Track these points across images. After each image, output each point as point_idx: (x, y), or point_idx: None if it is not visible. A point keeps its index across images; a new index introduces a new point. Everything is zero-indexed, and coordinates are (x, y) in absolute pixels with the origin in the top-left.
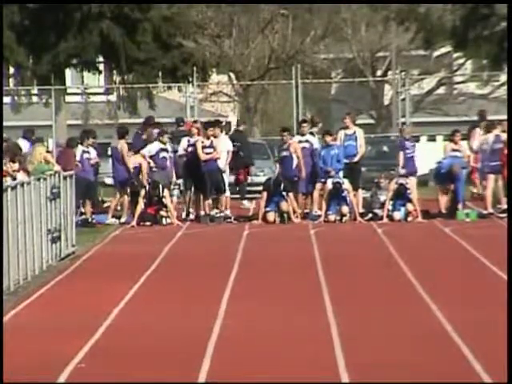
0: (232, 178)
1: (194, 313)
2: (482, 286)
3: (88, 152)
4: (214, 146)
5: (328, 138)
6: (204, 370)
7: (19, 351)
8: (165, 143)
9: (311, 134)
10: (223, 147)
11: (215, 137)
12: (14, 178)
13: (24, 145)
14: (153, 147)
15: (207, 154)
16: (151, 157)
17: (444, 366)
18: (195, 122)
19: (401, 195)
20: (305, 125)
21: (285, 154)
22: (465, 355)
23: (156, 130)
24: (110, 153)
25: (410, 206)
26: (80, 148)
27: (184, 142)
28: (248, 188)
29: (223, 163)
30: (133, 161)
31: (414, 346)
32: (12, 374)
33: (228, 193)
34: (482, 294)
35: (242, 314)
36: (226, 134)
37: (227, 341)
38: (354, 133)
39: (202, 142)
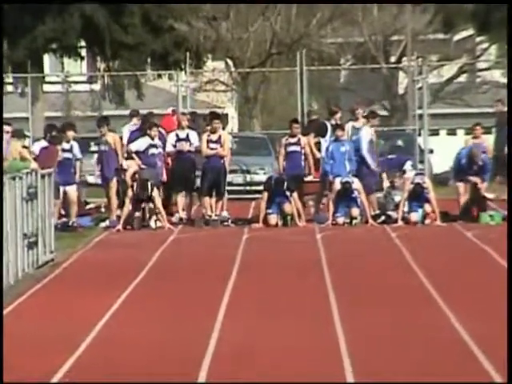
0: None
1: (186, 325)
2: (502, 295)
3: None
4: (222, 141)
5: (339, 133)
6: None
7: None
8: (153, 138)
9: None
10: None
11: (214, 132)
12: None
13: None
14: (142, 143)
15: (211, 149)
16: (138, 153)
17: (459, 375)
18: (184, 114)
19: (417, 196)
20: (296, 125)
21: (293, 148)
22: (484, 368)
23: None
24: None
25: (427, 208)
26: (43, 142)
27: (172, 136)
28: (247, 188)
29: (227, 163)
30: (126, 163)
31: (426, 356)
32: None
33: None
34: (501, 302)
35: (240, 326)
36: (223, 128)
37: (224, 356)
38: (364, 125)
39: (208, 136)
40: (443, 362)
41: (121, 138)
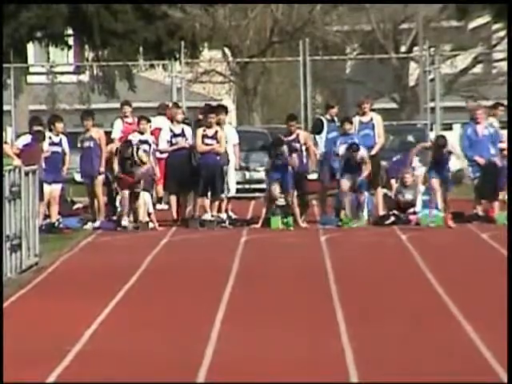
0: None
1: (180, 335)
2: None
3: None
4: (219, 137)
5: (347, 126)
6: None
7: None
8: (143, 133)
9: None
10: (229, 139)
11: (219, 124)
12: None
13: None
14: (132, 138)
15: (207, 145)
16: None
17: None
18: (178, 107)
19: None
20: (292, 123)
21: (293, 146)
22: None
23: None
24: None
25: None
26: (28, 137)
27: (166, 132)
28: (246, 186)
29: (233, 159)
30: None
31: (438, 368)
32: None
33: (227, 193)
34: None
35: (238, 336)
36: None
37: (221, 368)
38: (371, 120)
39: (204, 131)
40: (455, 373)
41: (110, 133)
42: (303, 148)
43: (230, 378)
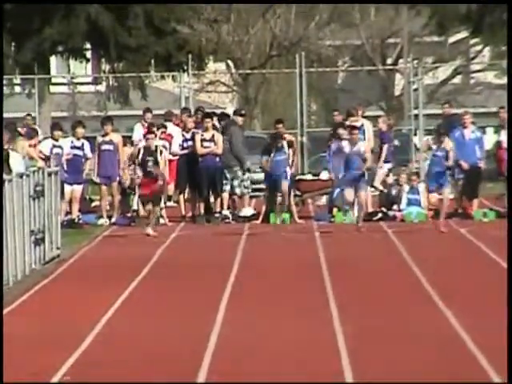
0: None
1: (188, 320)
2: (496, 290)
3: (59, 147)
4: (216, 140)
5: (341, 131)
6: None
7: None
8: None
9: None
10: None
11: (215, 128)
12: None
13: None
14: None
15: (206, 148)
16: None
17: (457, 374)
18: (189, 116)
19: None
20: (280, 126)
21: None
22: (483, 368)
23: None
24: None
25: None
26: (50, 141)
27: (179, 137)
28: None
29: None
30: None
31: (426, 355)
32: None
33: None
34: (497, 298)
35: (240, 321)
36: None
37: (225, 350)
38: (362, 125)
39: (202, 135)
40: (441, 360)
41: (129, 137)
42: (290, 151)
43: (233, 355)
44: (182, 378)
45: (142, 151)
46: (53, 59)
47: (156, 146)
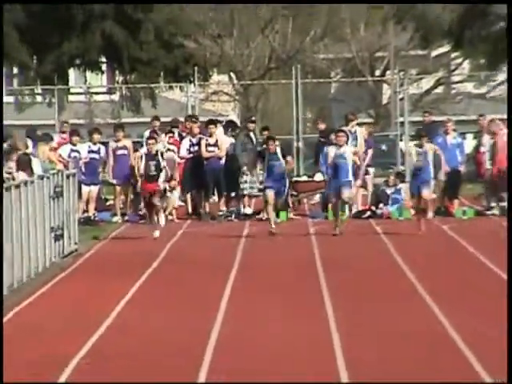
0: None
1: (193, 311)
2: (480, 285)
3: (77, 151)
4: (219, 144)
5: (333, 137)
6: (203, 371)
7: (20, 350)
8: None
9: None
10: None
11: (211, 136)
12: (14, 178)
13: (28, 144)
14: (160, 147)
15: (210, 152)
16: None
17: (448, 372)
18: (195, 122)
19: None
20: (266, 132)
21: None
22: (469, 362)
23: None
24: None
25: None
26: (68, 146)
27: (186, 142)
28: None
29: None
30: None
31: (418, 355)
32: (12, 373)
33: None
34: (481, 293)
35: (240, 313)
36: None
37: (227, 340)
38: (355, 132)
39: (207, 140)
40: (434, 359)
41: (138, 143)
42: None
43: (234, 347)
44: (184, 375)
45: (143, 157)
46: (71, 71)
47: (157, 151)
